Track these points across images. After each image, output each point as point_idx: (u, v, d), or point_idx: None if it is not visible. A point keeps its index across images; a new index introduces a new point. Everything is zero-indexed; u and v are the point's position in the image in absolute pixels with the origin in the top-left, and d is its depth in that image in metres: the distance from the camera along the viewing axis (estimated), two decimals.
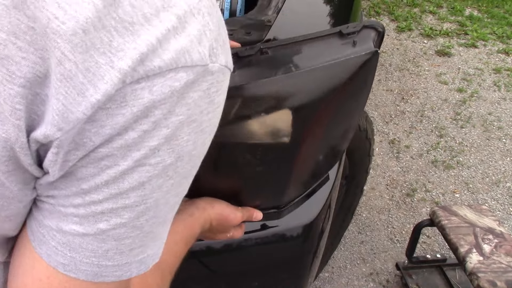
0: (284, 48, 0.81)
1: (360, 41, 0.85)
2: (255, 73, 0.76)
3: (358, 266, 2.38)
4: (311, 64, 0.80)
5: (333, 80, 0.84)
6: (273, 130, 0.83)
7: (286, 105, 0.81)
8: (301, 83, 0.80)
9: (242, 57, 0.76)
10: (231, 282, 1.25)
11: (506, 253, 1.84)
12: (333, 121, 0.93)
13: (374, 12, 4.85)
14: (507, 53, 4.33)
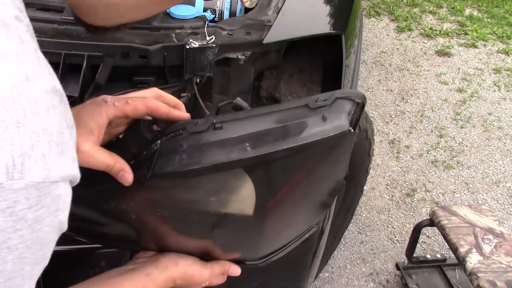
0: (241, 122, 0.70)
1: (331, 116, 0.72)
2: (204, 154, 0.66)
3: (358, 266, 2.38)
4: (270, 146, 0.68)
5: (296, 165, 0.73)
6: (233, 204, 0.73)
7: (243, 186, 0.71)
8: (257, 166, 0.69)
9: (192, 133, 0.67)
10: (231, 282, 1.25)
11: (506, 253, 1.84)
12: (300, 199, 0.83)
13: (374, 12, 4.85)
14: (507, 53, 4.33)
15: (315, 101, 0.72)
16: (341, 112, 0.73)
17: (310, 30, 1.31)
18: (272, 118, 0.71)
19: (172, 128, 0.69)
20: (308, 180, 0.79)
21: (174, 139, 0.68)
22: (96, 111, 0.68)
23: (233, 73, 1.26)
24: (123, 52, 1.10)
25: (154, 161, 0.67)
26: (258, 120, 0.71)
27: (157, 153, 0.67)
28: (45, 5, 1.20)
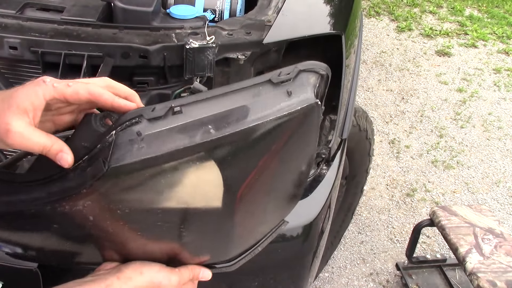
0: (201, 104, 0.65)
1: (296, 90, 0.70)
2: (165, 141, 0.62)
3: (358, 266, 2.38)
4: (234, 126, 0.65)
5: (264, 144, 0.69)
6: (200, 196, 0.70)
7: (209, 173, 0.67)
8: (222, 149, 0.66)
9: (150, 120, 0.63)
10: (231, 282, 1.25)
11: (506, 253, 1.84)
12: (271, 183, 0.80)
13: (374, 12, 4.85)
14: (507, 53, 4.33)
15: (278, 75, 0.69)
16: (306, 85, 0.71)
17: (310, 30, 1.31)
18: (234, 97, 0.67)
19: (127, 116, 0.63)
20: (278, 159, 0.75)
21: (130, 128, 0.62)
22: (32, 91, 0.62)
23: (233, 73, 1.26)
24: (123, 52, 1.10)
25: (110, 153, 0.61)
26: (219, 100, 0.66)
27: (113, 144, 0.61)
28: (45, 5, 1.20)
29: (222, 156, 0.66)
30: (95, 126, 0.67)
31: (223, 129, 0.64)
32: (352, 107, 1.37)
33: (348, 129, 1.31)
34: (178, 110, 0.64)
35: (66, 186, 0.63)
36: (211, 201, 0.70)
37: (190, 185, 0.67)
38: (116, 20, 1.20)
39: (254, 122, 0.66)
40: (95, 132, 0.67)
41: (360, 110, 1.83)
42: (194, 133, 0.64)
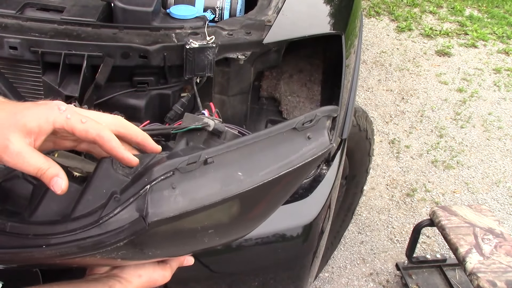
0: (232, 153, 0.69)
1: (314, 134, 0.76)
2: (199, 192, 0.66)
3: (358, 266, 2.38)
4: (264, 175, 0.70)
5: (280, 181, 0.76)
6: (220, 223, 0.75)
7: (231, 212, 0.73)
8: (251, 194, 0.71)
9: (183, 172, 0.65)
10: (231, 282, 1.25)
11: (506, 253, 1.84)
12: (272, 201, 0.87)
13: (374, 12, 4.85)
14: (507, 53, 4.33)
15: (302, 124, 0.75)
16: (323, 128, 0.78)
17: (310, 30, 1.31)
18: (262, 145, 0.72)
19: (161, 170, 0.65)
20: (285, 187, 0.82)
21: (164, 182, 0.64)
22: (44, 115, 0.60)
23: (233, 73, 1.26)
24: (123, 52, 1.10)
25: (147, 209, 0.63)
26: (248, 148, 0.71)
27: (148, 198, 0.63)
28: (45, 5, 1.20)
29: (249, 198, 0.72)
30: (115, 172, 0.68)
31: (254, 177, 0.70)
32: (352, 107, 1.37)
33: (348, 129, 1.31)
34: (211, 161, 0.67)
35: (100, 241, 0.64)
36: (225, 223, 0.76)
37: (216, 219, 0.72)
38: (116, 20, 1.20)
39: (282, 170, 0.72)
40: (116, 178, 0.68)
41: (360, 110, 1.83)
42: (227, 182, 0.67)
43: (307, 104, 1.45)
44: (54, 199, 0.69)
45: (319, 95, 1.45)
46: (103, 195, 0.67)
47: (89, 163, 0.82)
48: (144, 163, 0.70)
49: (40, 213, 0.70)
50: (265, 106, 1.49)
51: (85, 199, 0.68)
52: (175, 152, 0.72)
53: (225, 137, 0.81)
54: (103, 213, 0.65)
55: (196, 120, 0.87)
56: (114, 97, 1.13)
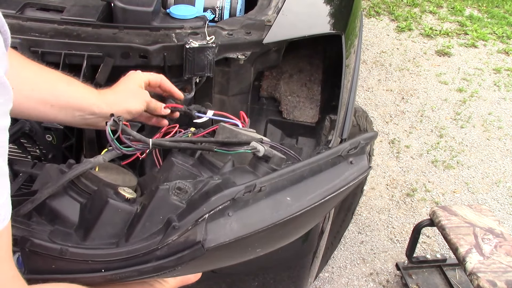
0: (282, 181, 0.76)
1: (356, 159, 0.83)
2: (252, 217, 0.71)
3: (358, 266, 2.38)
4: (311, 199, 0.77)
5: (327, 204, 0.83)
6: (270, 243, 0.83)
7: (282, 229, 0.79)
8: (300, 217, 0.77)
9: (238, 200, 0.71)
10: (231, 282, 1.25)
11: (506, 253, 1.84)
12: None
13: (374, 12, 4.85)
14: (507, 53, 4.33)
15: (347, 152, 0.82)
16: (363, 154, 0.85)
17: (310, 30, 1.31)
18: (309, 171, 0.78)
19: (218, 200, 0.70)
20: (327, 207, 0.89)
21: (221, 210, 0.70)
22: (139, 74, 0.97)
23: (233, 73, 1.26)
24: (123, 52, 1.10)
25: (205, 235, 0.68)
26: (297, 175, 0.77)
27: (205, 226, 0.68)
28: (45, 5, 1.20)
29: (296, 221, 0.77)
30: (170, 199, 0.73)
31: (302, 202, 0.75)
32: (352, 107, 1.37)
33: (348, 129, 1.31)
34: (264, 189, 0.73)
35: (160, 265, 0.69)
36: (274, 241, 0.84)
37: (265, 240, 0.78)
38: (116, 20, 1.20)
39: (327, 194, 0.78)
40: (172, 204, 0.73)
41: (360, 110, 1.83)
42: (277, 208, 0.73)
43: (307, 104, 1.45)
44: (108, 221, 0.72)
45: (319, 95, 1.45)
46: (160, 221, 0.71)
47: (127, 173, 0.87)
48: (197, 188, 0.75)
49: (95, 235, 0.72)
50: (265, 106, 1.49)
51: (142, 225, 0.71)
52: (227, 178, 0.76)
53: (272, 162, 0.83)
54: (162, 239, 0.68)
55: (233, 135, 0.88)
56: None
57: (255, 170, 0.82)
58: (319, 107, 1.44)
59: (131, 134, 0.80)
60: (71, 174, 0.76)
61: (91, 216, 0.74)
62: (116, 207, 0.73)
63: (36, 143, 1.18)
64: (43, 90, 0.82)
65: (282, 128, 1.46)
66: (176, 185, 0.74)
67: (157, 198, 0.73)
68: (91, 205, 0.75)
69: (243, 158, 0.87)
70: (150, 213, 0.72)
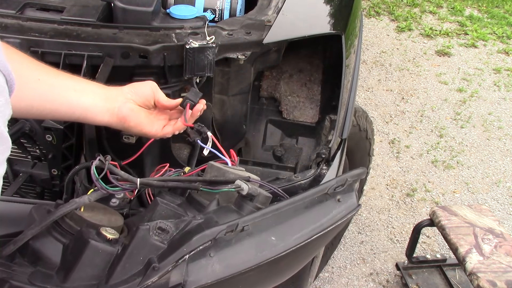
0: (266, 220, 0.74)
1: (344, 197, 0.82)
2: (235, 258, 0.69)
3: (358, 266, 2.38)
4: (296, 238, 0.75)
5: (313, 244, 0.82)
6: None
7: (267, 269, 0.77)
8: (285, 257, 0.75)
9: (220, 240, 0.69)
10: None
11: (506, 253, 1.84)
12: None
13: (374, 12, 4.85)
14: (507, 53, 4.33)
15: (334, 189, 0.80)
16: (351, 191, 0.83)
17: (310, 30, 1.31)
18: (295, 210, 0.77)
19: (200, 240, 0.68)
20: (315, 246, 0.88)
21: (202, 251, 0.68)
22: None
23: (233, 73, 1.26)
24: (123, 52, 1.10)
25: (185, 276, 0.66)
26: (281, 214, 0.75)
27: (186, 267, 0.67)
28: (45, 5, 1.20)
29: (282, 261, 0.76)
30: (151, 239, 0.71)
31: (287, 242, 0.73)
32: (352, 107, 1.37)
33: (348, 129, 1.31)
34: (247, 228, 0.71)
35: None
36: (259, 282, 0.82)
37: (250, 281, 0.76)
38: (116, 20, 1.20)
39: (313, 234, 0.76)
40: (152, 245, 0.71)
41: (360, 110, 1.83)
42: (261, 248, 0.71)
43: (307, 104, 1.45)
44: (88, 263, 0.71)
45: (319, 95, 1.45)
46: (140, 261, 0.70)
47: (114, 214, 0.85)
48: (179, 228, 0.73)
49: (75, 277, 0.71)
50: (265, 106, 1.49)
51: (122, 266, 0.70)
52: (210, 217, 0.74)
53: (257, 200, 0.81)
54: (142, 281, 0.67)
55: (221, 174, 0.86)
56: None
57: (239, 209, 0.80)
58: (319, 107, 1.44)
59: (118, 174, 0.78)
60: (55, 215, 0.75)
61: (72, 257, 0.73)
62: (97, 248, 0.72)
63: (36, 143, 1.18)
64: (54, 103, 0.83)
65: (282, 128, 1.46)
66: (157, 225, 0.72)
67: (137, 239, 0.71)
68: (73, 246, 0.74)
69: (230, 197, 0.86)
70: (130, 253, 0.71)
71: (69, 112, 0.86)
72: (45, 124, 1.12)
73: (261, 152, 1.44)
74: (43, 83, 0.81)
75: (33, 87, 0.80)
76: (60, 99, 0.84)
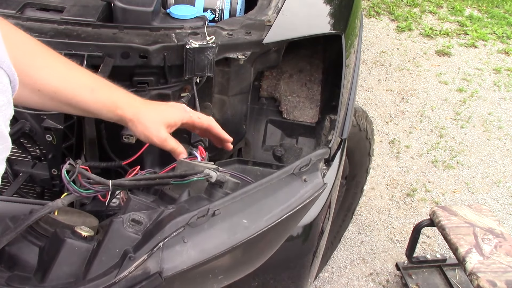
0: (236, 203, 0.76)
1: (310, 176, 0.85)
2: (209, 242, 0.71)
3: (358, 266, 2.38)
4: (267, 220, 0.77)
5: (286, 223, 0.84)
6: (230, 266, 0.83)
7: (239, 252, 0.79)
8: (256, 238, 0.77)
9: (193, 226, 0.71)
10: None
11: (506, 253, 1.84)
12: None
13: (374, 12, 4.85)
14: (507, 53, 4.33)
15: (299, 169, 0.84)
16: (316, 170, 0.87)
17: (310, 30, 1.31)
18: (263, 192, 0.79)
19: (172, 226, 0.69)
20: (286, 227, 0.89)
21: (175, 237, 0.69)
22: (178, 114, 0.95)
23: (233, 73, 1.26)
24: (123, 52, 1.10)
25: (161, 264, 0.67)
26: (251, 197, 0.77)
27: (161, 255, 0.67)
28: (45, 5, 1.20)
29: (254, 243, 0.78)
30: (125, 231, 0.72)
31: (258, 223, 0.76)
32: (352, 107, 1.37)
33: (348, 129, 1.31)
34: (218, 212, 0.73)
35: None
36: (235, 266, 0.83)
37: (226, 265, 0.78)
38: (116, 20, 1.20)
39: (283, 214, 0.79)
40: (127, 236, 0.72)
41: (360, 110, 1.83)
42: (233, 231, 0.73)
43: (307, 104, 1.45)
44: (65, 261, 0.71)
45: (319, 95, 1.45)
46: (116, 254, 0.70)
47: (89, 216, 0.86)
48: (152, 218, 0.74)
49: (53, 276, 0.71)
50: (265, 106, 1.49)
51: (98, 260, 0.70)
52: (181, 206, 0.75)
53: (226, 186, 0.83)
54: (119, 272, 0.67)
55: (191, 168, 0.88)
56: None
57: (210, 197, 0.82)
58: (319, 107, 1.44)
59: (90, 177, 0.80)
60: (29, 219, 0.75)
61: (48, 258, 0.73)
62: (73, 245, 0.72)
63: (36, 143, 1.18)
64: (65, 95, 0.84)
65: (282, 128, 1.46)
66: (131, 217, 0.73)
67: (111, 231, 0.72)
68: (49, 247, 0.74)
69: (200, 189, 0.87)
70: (105, 247, 0.71)
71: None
72: (45, 124, 1.12)
73: (261, 152, 1.44)
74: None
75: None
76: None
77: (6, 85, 0.52)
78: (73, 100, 0.85)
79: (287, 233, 0.91)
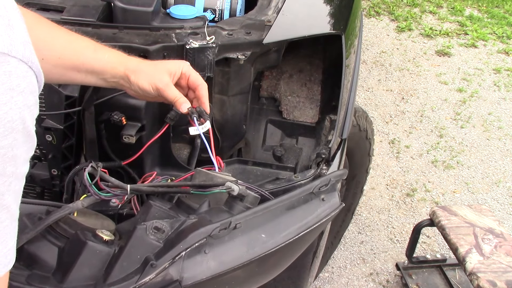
0: (257, 218, 0.78)
1: (327, 196, 0.87)
2: (228, 254, 0.73)
3: (358, 266, 2.38)
4: (285, 235, 0.80)
5: (300, 241, 0.86)
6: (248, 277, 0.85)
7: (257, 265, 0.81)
8: (275, 253, 0.79)
9: (215, 237, 0.73)
10: None
11: (506, 253, 1.84)
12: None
13: (374, 12, 4.85)
14: (507, 53, 4.33)
15: (319, 189, 0.86)
16: (334, 191, 0.89)
17: (310, 30, 1.31)
18: (283, 208, 0.81)
19: (195, 237, 0.71)
20: (302, 243, 0.92)
21: (197, 248, 0.71)
22: (178, 62, 0.99)
23: (233, 73, 1.26)
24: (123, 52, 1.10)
25: (181, 273, 0.69)
26: (271, 213, 0.80)
27: (182, 264, 0.69)
28: (45, 5, 1.20)
29: (271, 257, 0.80)
30: (148, 238, 0.74)
31: (276, 239, 0.78)
32: (352, 107, 1.37)
33: (348, 129, 1.31)
34: (239, 226, 0.75)
35: None
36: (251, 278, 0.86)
37: (242, 277, 0.80)
38: (116, 20, 1.20)
39: (300, 231, 0.81)
40: (149, 244, 0.74)
41: (360, 110, 1.83)
42: (252, 245, 0.75)
43: (307, 104, 1.45)
44: (86, 263, 0.73)
45: (319, 95, 1.45)
46: (137, 260, 0.72)
47: (105, 219, 0.88)
48: (174, 227, 0.76)
49: (72, 278, 0.72)
50: (265, 106, 1.49)
51: (119, 265, 0.72)
52: (203, 217, 0.77)
53: (247, 200, 0.85)
54: (140, 278, 0.68)
55: (209, 178, 0.89)
56: (114, 97, 1.13)
57: (230, 209, 0.83)
58: (319, 107, 1.44)
59: (109, 181, 0.81)
60: (50, 219, 0.77)
61: (69, 259, 0.74)
62: (94, 248, 0.73)
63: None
64: (70, 57, 0.87)
65: (282, 128, 1.46)
66: (153, 225, 0.75)
67: (134, 238, 0.73)
68: (69, 248, 0.75)
69: (218, 200, 0.89)
70: (127, 252, 0.72)
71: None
72: (45, 124, 1.12)
73: (261, 152, 1.44)
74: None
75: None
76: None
77: (34, 86, 0.53)
78: (78, 61, 0.86)
79: (302, 248, 0.94)
